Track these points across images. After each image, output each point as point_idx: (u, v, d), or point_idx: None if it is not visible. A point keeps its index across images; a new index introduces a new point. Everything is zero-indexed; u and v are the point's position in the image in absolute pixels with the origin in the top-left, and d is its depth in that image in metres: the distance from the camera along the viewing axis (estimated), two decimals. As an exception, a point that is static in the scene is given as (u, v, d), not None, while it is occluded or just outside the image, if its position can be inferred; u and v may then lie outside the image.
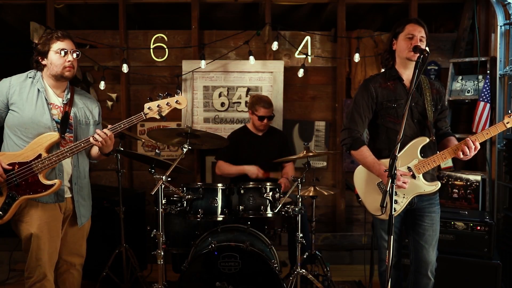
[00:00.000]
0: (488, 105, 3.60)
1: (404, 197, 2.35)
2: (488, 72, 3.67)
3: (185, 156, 2.70)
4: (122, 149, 3.15)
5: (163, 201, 2.61)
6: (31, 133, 2.29)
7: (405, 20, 2.42)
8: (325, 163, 4.27)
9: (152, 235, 2.56)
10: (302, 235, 2.91)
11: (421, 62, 2.19)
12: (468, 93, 3.84)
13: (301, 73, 4.06)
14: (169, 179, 2.52)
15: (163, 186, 2.51)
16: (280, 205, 2.93)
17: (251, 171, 3.36)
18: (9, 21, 4.34)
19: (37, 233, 2.28)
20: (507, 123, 2.25)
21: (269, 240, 3.06)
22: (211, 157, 4.15)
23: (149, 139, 3.73)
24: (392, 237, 2.01)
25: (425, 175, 2.35)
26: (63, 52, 2.30)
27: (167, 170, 2.56)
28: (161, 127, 4.06)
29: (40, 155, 2.26)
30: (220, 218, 2.93)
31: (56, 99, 2.39)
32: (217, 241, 2.76)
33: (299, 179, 2.88)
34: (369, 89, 2.42)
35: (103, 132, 2.27)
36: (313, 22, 4.72)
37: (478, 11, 3.94)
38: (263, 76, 4.13)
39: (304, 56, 4.08)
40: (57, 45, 2.32)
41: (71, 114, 2.40)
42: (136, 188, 4.21)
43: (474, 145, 2.23)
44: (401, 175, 2.24)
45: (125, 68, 3.96)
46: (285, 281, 2.82)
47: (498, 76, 3.52)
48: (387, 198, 1.98)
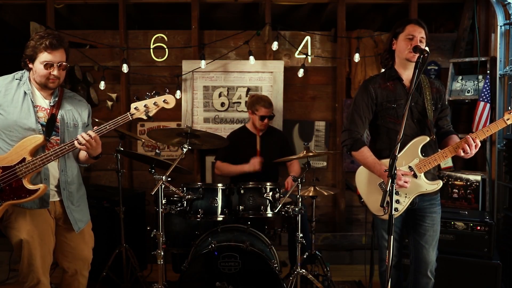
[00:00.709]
0: (488, 105, 3.60)
1: (406, 196, 2.35)
2: (488, 72, 3.67)
3: (185, 156, 2.70)
4: (122, 149, 3.14)
5: (163, 201, 2.61)
6: (16, 136, 2.21)
7: (405, 20, 2.42)
8: (325, 163, 4.27)
9: (152, 235, 2.56)
10: (302, 235, 2.92)
11: (421, 62, 2.19)
12: (468, 93, 3.84)
13: (301, 73, 4.06)
14: (169, 179, 2.52)
15: (163, 186, 2.52)
16: (280, 205, 2.93)
17: (249, 168, 3.37)
18: (9, 21, 4.34)
19: (27, 239, 2.23)
20: (507, 119, 2.25)
21: (269, 240, 3.06)
22: (211, 157, 4.15)
23: (149, 139, 3.73)
24: (393, 237, 2.01)
25: (426, 174, 2.35)
26: (48, 65, 2.22)
27: (167, 170, 2.56)
28: (161, 127, 4.07)
29: (24, 159, 2.17)
30: (220, 218, 2.93)
31: (43, 101, 2.31)
32: (217, 241, 2.76)
33: (299, 179, 2.88)
34: (368, 90, 2.42)
35: (87, 134, 2.17)
36: (313, 22, 4.72)
37: (478, 11, 3.94)
38: (263, 76, 4.13)
39: (304, 56, 4.08)
40: (44, 56, 2.21)
41: (58, 117, 2.31)
42: (136, 188, 4.20)
43: (474, 142, 2.23)
44: (402, 175, 2.24)
45: (125, 68, 3.96)
46: (285, 281, 2.83)
47: (498, 76, 3.52)
48: (387, 198, 1.98)
